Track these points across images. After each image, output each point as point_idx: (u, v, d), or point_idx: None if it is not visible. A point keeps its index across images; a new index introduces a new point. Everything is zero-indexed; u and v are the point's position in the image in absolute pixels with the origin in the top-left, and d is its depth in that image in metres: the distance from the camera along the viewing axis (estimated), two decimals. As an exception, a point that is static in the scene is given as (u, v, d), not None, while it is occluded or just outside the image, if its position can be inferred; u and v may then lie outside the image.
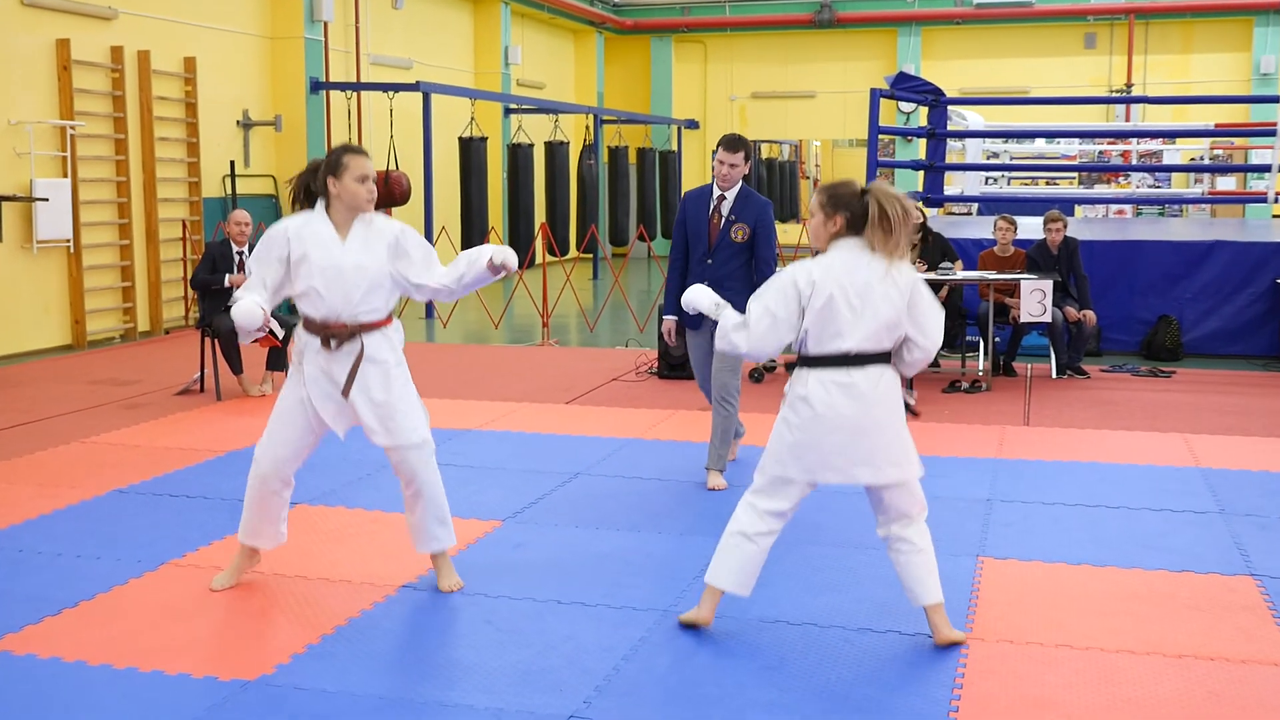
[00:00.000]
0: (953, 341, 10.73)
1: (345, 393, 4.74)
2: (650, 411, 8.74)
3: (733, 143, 6.46)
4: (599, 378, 10.22)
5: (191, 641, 4.46)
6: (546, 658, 4.30)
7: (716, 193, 6.54)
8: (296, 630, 4.52)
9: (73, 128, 12.06)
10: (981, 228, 13.11)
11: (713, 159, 6.76)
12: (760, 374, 10.08)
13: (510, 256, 4.72)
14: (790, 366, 4.42)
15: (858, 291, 4.17)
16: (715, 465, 6.65)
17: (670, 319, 6.81)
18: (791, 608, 4.79)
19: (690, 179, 26.28)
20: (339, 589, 5.00)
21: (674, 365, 10.05)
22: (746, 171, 6.53)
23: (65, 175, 12.02)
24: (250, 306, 4.65)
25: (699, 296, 4.61)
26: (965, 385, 9.74)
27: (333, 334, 4.72)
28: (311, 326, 4.77)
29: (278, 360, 9.39)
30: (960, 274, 10.11)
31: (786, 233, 22.21)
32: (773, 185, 29.34)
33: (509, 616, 4.70)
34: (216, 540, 5.62)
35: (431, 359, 11.40)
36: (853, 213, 4.21)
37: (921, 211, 10.71)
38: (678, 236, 6.67)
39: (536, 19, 23.07)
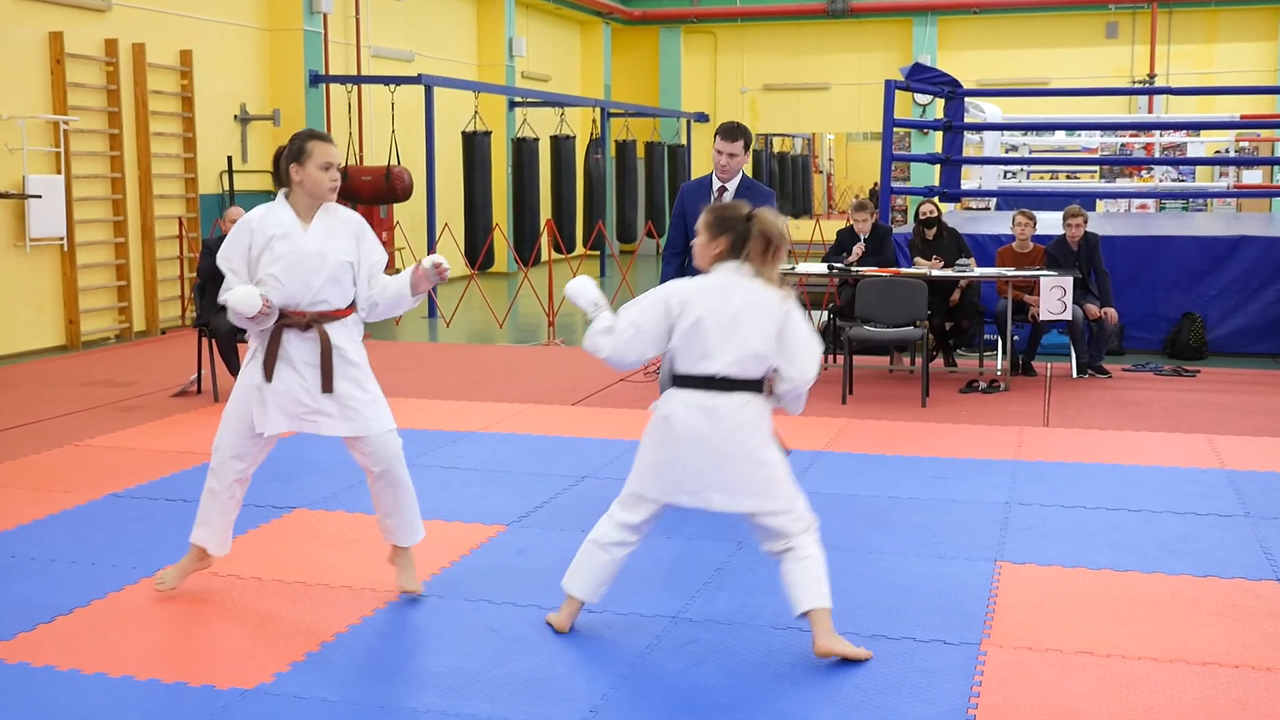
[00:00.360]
0: (970, 340, 10.73)
1: (325, 388, 4.71)
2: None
3: (731, 131, 6.39)
4: (606, 378, 10.23)
5: (189, 649, 4.48)
6: (552, 666, 4.31)
7: (717, 184, 6.47)
8: (296, 638, 4.53)
9: (66, 123, 12.10)
10: (1000, 223, 13.10)
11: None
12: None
13: (440, 259, 4.74)
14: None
15: (730, 315, 4.19)
16: None
17: None
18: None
19: (700, 173, 26.25)
20: (340, 595, 5.01)
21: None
22: (747, 160, 6.45)
23: (59, 172, 12.06)
24: (248, 291, 4.61)
25: (581, 291, 4.48)
26: (983, 385, 9.74)
27: (291, 322, 4.71)
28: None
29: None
30: (977, 271, 10.11)
31: (799, 229, 22.22)
32: (785, 179, 29.33)
33: (513, 624, 4.71)
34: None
35: (434, 359, 11.42)
36: (736, 235, 4.24)
37: (936, 206, 10.71)
38: (676, 232, 6.56)
39: (542, 9, 23.09)
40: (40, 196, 11.68)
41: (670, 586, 5.14)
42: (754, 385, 4.25)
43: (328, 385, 4.71)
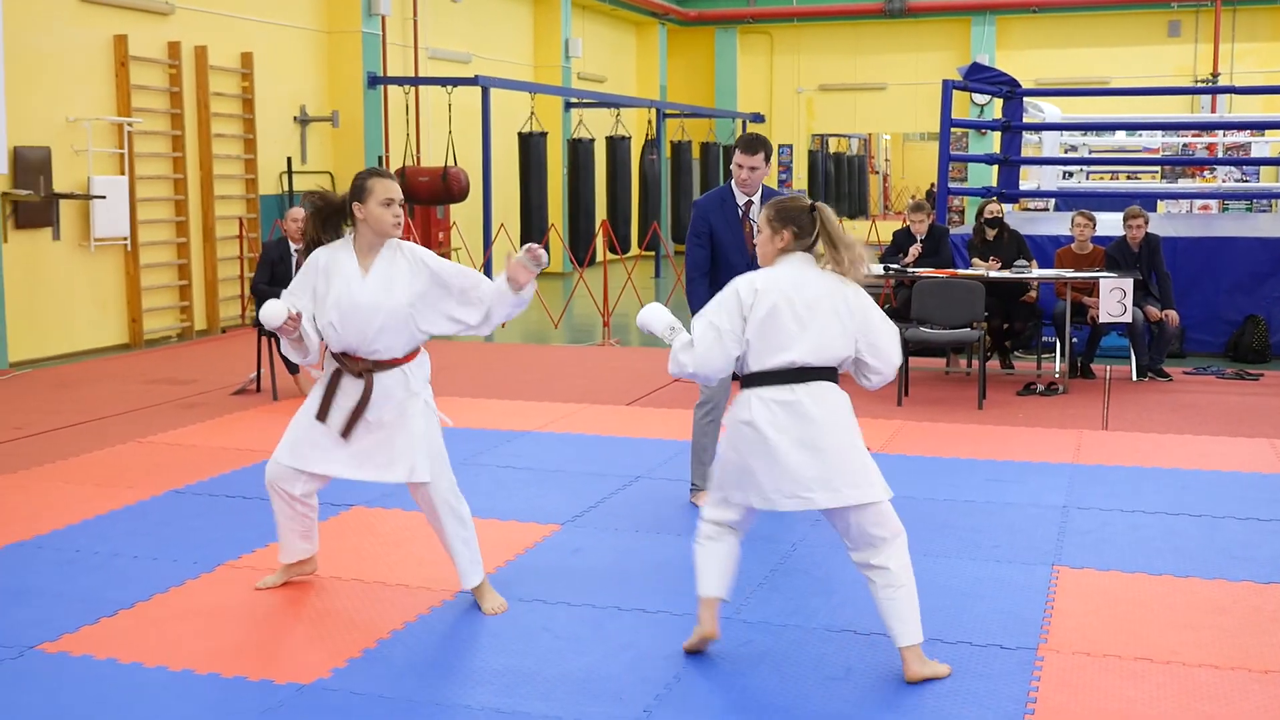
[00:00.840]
0: (1028, 342, 10.63)
1: (344, 433, 4.74)
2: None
3: (751, 144, 6.16)
4: (660, 379, 10.22)
5: (247, 644, 4.53)
6: (606, 665, 4.32)
7: (742, 199, 6.22)
8: (353, 634, 4.57)
9: (130, 124, 12.27)
10: (1058, 224, 12.97)
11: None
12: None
13: (533, 246, 4.66)
14: None
15: (805, 303, 4.08)
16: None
17: None
18: (858, 617, 4.77)
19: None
20: (396, 593, 5.04)
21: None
22: (768, 172, 6.25)
23: (122, 173, 12.23)
24: (275, 305, 4.63)
25: (654, 317, 4.37)
26: (1041, 387, 9.65)
27: (348, 367, 4.74)
28: (334, 356, 4.81)
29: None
30: (1036, 272, 10.01)
31: (855, 229, 22.11)
32: (840, 180, 29.19)
33: (567, 623, 4.72)
34: (273, 542, 5.69)
35: (490, 359, 11.47)
36: (800, 227, 4.15)
37: (1000, 208, 10.61)
38: (700, 249, 6.22)
39: (598, 11, 23.13)
40: (104, 197, 11.85)
41: (724, 587, 5.13)
42: (831, 374, 4.15)
43: (345, 432, 4.73)
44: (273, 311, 4.62)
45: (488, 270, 15.38)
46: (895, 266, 10.12)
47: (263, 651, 4.46)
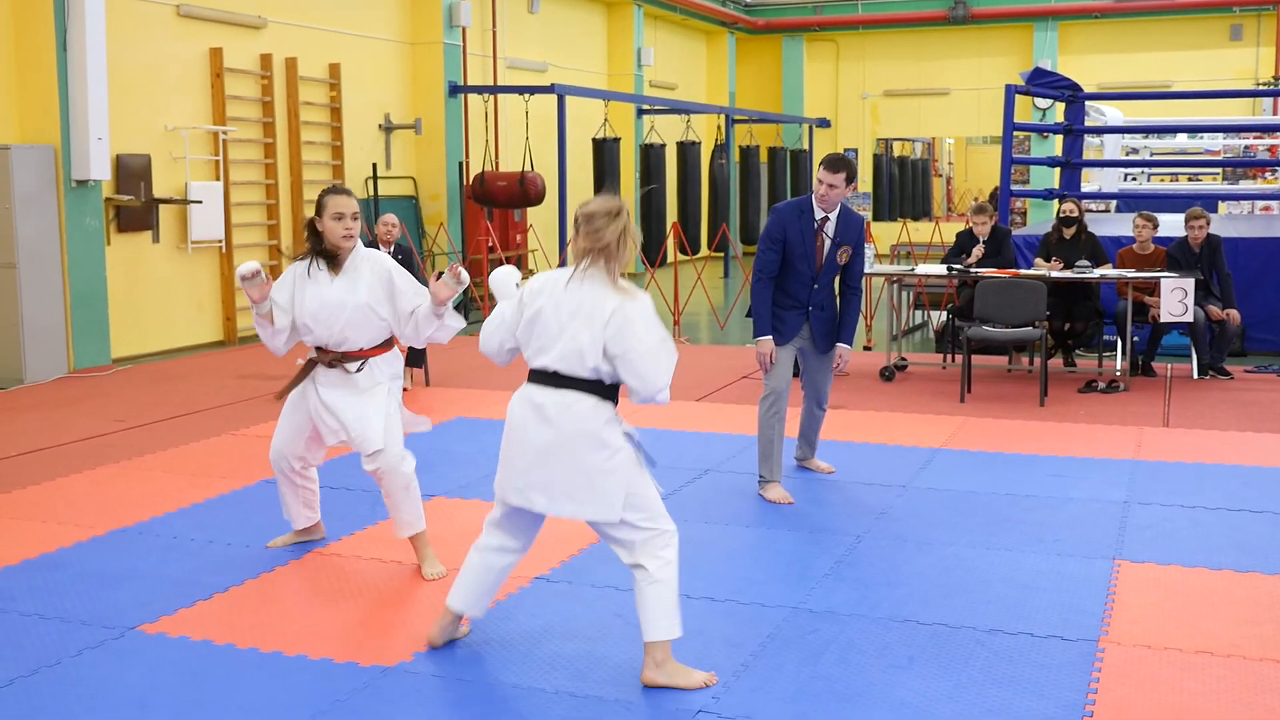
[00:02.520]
0: (1089, 341, 10.47)
1: (278, 396, 5.29)
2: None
3: (834, 163, 6.13)
4: (729, 375, 10.20)
5: (334, 628, 4.58)
6: (676, 652, 4.30)
7: (819, 214, 6.21)
8: (434, 620, 4.60)
9: (225, 133, 12.45)
10: (1120, 225, 12.76)
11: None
12: (891, 373, 9.95)
13: (246, 266, 4.98)
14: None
15: (570, 310, 3.90)
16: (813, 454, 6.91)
17: (768, 340, 6.24)
18: (922, 608, 4.73)
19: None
20: (474, 580, 5.06)
21: (804, 363, 9.99)
22: (849, 193, 6.19)
23: (217, 179, 12.42)
24: (251, 262, 5.03)
25: (501, 281, 4.31)
26: (1102, 385, 9.50)
27: (321, 358, 5.17)
28: (313, 350, 5.24)
29: (417, 358, 9.60)
30: (1098, 272, 9.86)
31: (918, 231, 21.91)
32: (904, 183, 28.96)
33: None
34: (358, 530, 5.75)
35: (565, 356, 11.50)
36: (592, 234, 3.92)
37: (1078, 207, 10.42)
38: (772, 253, 6.21)
39: (669, 20, 23.11)
40: (201, 202, 12.03)
41: (790, 578, 5.10)
42: (587, 385, 3.92)
43: (280, 396, 5.29)
44: (247, 265, 5.01)
45: (563, 271, 15.42)
46: (958, 267, 10.01)
47: (348, 635, 4.51)
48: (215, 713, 3.86)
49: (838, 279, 6.46)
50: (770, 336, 6.24)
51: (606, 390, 3.96)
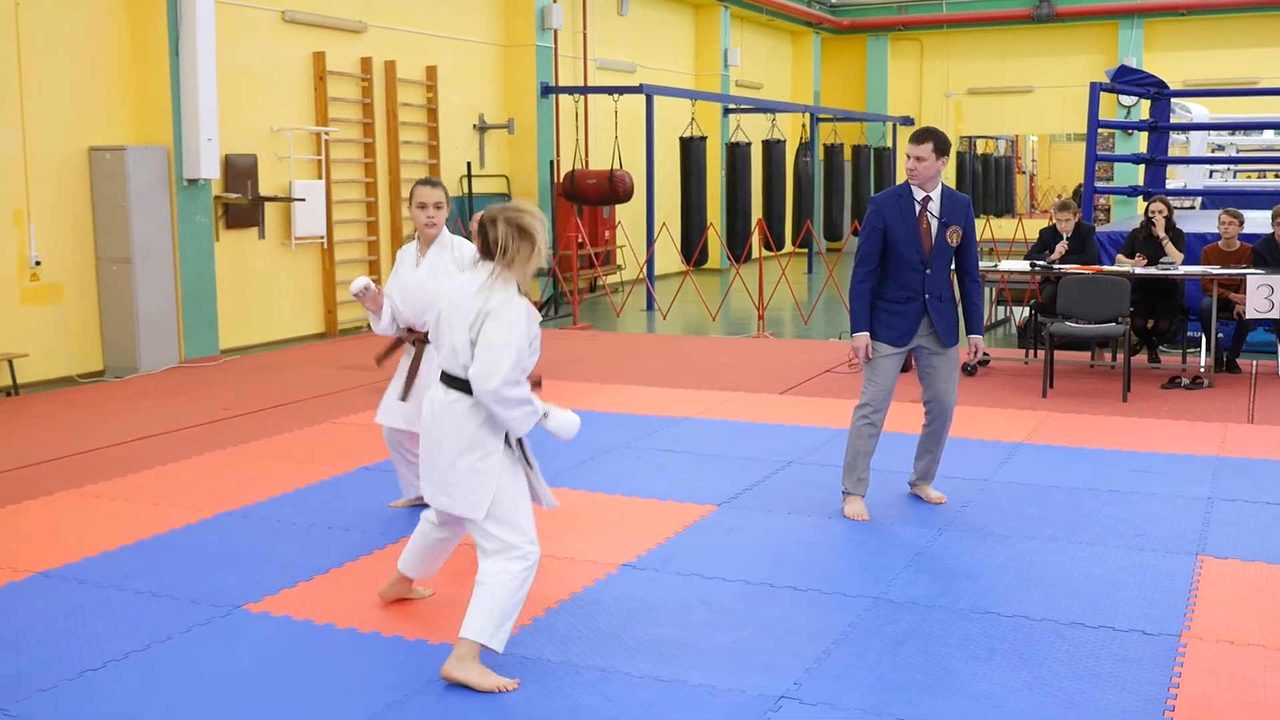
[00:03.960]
0: (1173, 337, 10.24)
1: (403, 396, 5.55)
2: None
3: (918, 134, 5.70)
4: (812, 369, 10.14)
5: (428, 610, 4.63)
6: (758, 639, 4.30)
7: (920, 194, 5.72)
8: (524, 604, 4.63)
9: (327, 133, 12.63)
10: (1205, 222, 12.46)
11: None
12: (973, 368, 9.82)
13: (355, 284, 5.40)
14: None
15: (461, 312, 3.90)
16: (930, 480, 6.17)
17: (864, 336, 5.75)
18: (1003, 600, 4.66)
19: (904, 176, 25.78)
20: (563, 566, 5.10)
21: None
22: (941, 165, 5.68)
23: (320, 177, 12.61)
24: (361, 278, 5.45)
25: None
26: (1186, 381, 9.29)
27: (408, 338, 5.62)
28: (402, 329, 5.67)
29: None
30: (1182, 269, 9.64)
31: (1002, 228, 21.59)
32: (988, 181, 28.56)
33: (723, 598, 4.72)
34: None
35: (651, 349, 11.52)
36: (483, 238, 3.93)
37: (1166, 205, 10.17)
38: (872, 246, 5.72)
39: (755, 21, 23.00)
40: (304, 200, 12.23)
41: (872, 569, 5.06)
42: (466, 385, 3.90)
43: (405, 394, 5.55)
44: (356, 281, 5.42)
45: (650, 267, 15.44)
46: (1041, 263, 9.84)
47: (442, 617, 4.55)
48: (315, 689, 3.93)
49: (953, 271, 5.92)
50: (866, 333, 5.73)
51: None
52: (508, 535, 3.92)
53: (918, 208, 5.73)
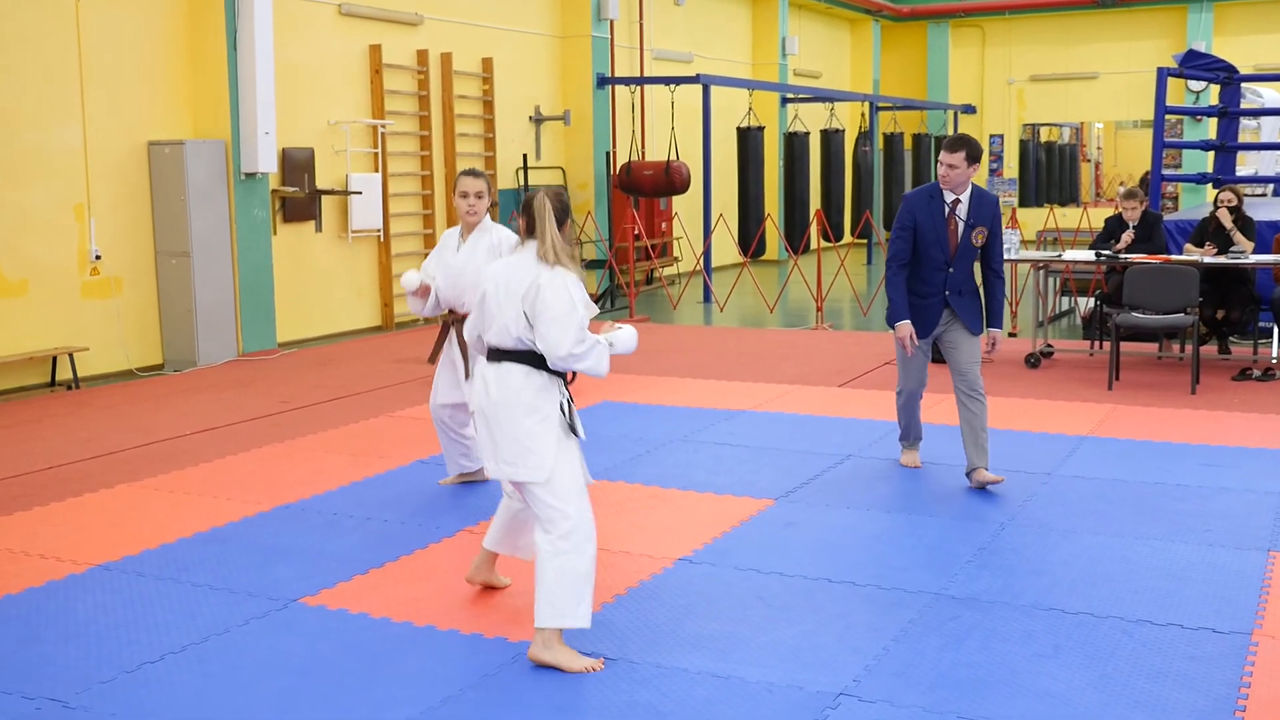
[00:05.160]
0: (1244, 328, 10.05)
1: (466, 375, 5.84)
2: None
3: (953, 143, 6.04)
4: (872, 361, 10.06)
5: (484, 604, 4.64)
6: (816, 635, 4.27)
7: (950, 196, 6.07)
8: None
9: (383, 126, 12.71)
10: (1277, 210, 12.21)
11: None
12: (1037, 360, 9.69)
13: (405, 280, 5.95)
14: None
15: (507, 289, 4.11)
16: (982, 462, 6.16)
17: (906, 325, 6.11)
18: (1067, 596, 4.59)
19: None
20: (619, 560, 5.09)
21: (948, 350, 9.79)
22: (973, 173, 6.04)
23: (376, 170, 12.69)
24: (411, 274, 5.94)
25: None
26: (1257, 373, 9.10)
27: (449, 318, 6.06)
28: (447, 311, 6.09)
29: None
30: (1253, 257, 9.45)
31: (1066, 217, 21.30)
32: (1052, 169, 28.20)
33: (780, 593, 4.69)
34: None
35: (709, 342, 11.49)
36: (528, 218, 4.17)
37: (1236, 195, 9.98)
38: (903, 241, 6.11)
39: (813, 10, 22.86)
40: (360, 193, 12.32)
41: (933, 564, 5.01)
42: (517, 355, 4.10)
43: (467, 373, 5.80)
44: (407, 279, 5.94)
45: (707, 259, 15.40)
46: (1107, 252, 9.69)
47: (498, 611, 4.56)
48: (371, 682, 3.95)
49: (978, 265, 6.23)
50: (908, 320, 6.11)
51: (536, 359, 4.10)
52: (563, 504, 4.05)
53: (947, 209, 6.09)
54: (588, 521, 4.08)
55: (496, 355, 4.16)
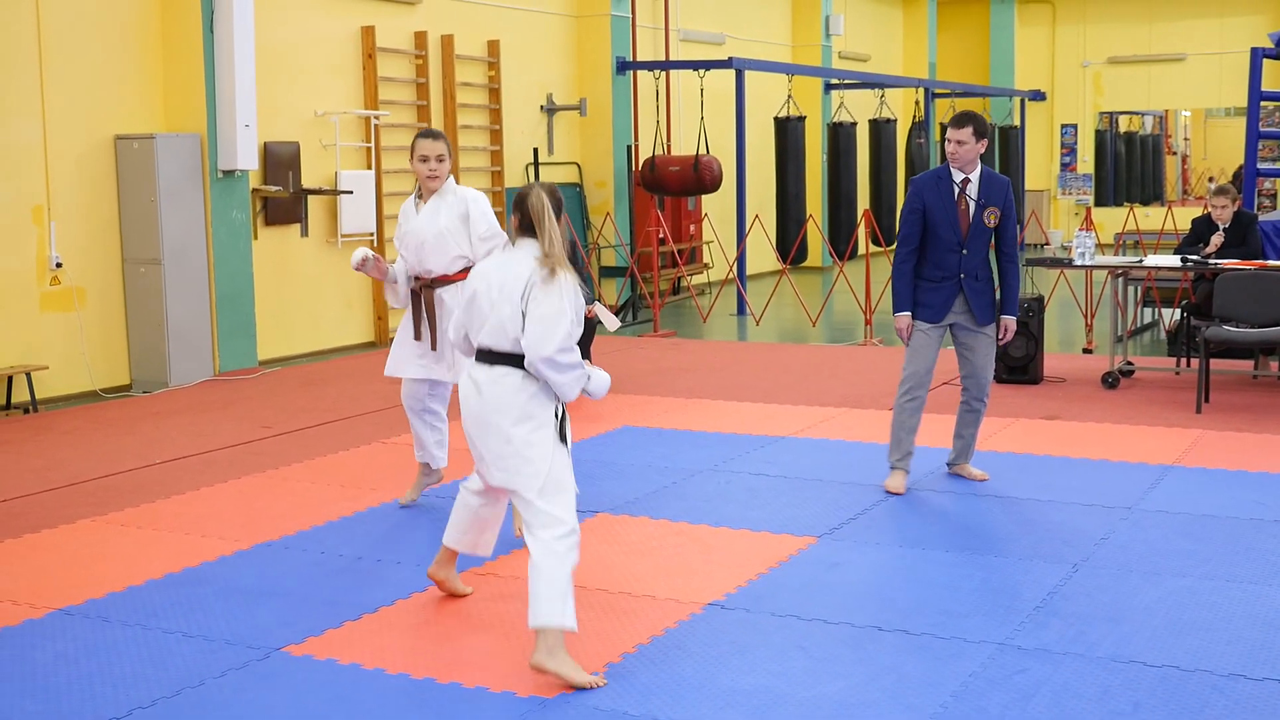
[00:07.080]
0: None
1: (416, 336, 6.38)
2: (986, 420, 8.52)
3: (959, 118, 6.56)
4: (928, 381, 10.05)
5: (489, 654, 4.66)
6: (865, 691, 4.27)
7: (959, 176, 6.59)
8: (597, 647, 4.65)
9: (377, 117, 12.80)
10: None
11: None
12: (1115, 379, 9.67)
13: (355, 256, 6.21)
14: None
15: (500, 289, 4.41)
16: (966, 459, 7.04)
17: (905, 316, 6.73)
18: (1149, 647, 4.58)
19: (1036, 157, 25.54)
20: (642, 604, 5.11)
21: (1011, 369, 9.79)
22: (981, 149, 6.56)
23: (369, 167, 12.78)
24: (360, 249, 6.23)
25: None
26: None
27: (419, 284, 6.34)
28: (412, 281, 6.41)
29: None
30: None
31: (1149, 217, 21.26)
32: (1133, 162, 28.14)
33: (824, 643, 4.69)
34: (517, 549, 5.84)
35: (743, 359, 11.51)
36: (521, 214, 4.47)
37: None
38: (912, 227, 6.64)
39: (861, -16, 22.95)
40: (351, 192, 12.39)
41: (997, 610, 5.01)
42: (513, 359, 4.39)
43: (434, 344, 6.35)
44: (356, 254, 6.19)
45: (741, 266, 15.42)
46: (1195, 258, 9.68)
47: (504, 662, 4.58)
48: (363, 742, 3.97)
49: (992, 251, 6.72)
50: (908, 313, 6.67)
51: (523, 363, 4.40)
52: (557, 510, 4.39)
53: (956, 190, 6.59)
54: (577, 530, 4.44)
55: (489, 357, 4.45)
